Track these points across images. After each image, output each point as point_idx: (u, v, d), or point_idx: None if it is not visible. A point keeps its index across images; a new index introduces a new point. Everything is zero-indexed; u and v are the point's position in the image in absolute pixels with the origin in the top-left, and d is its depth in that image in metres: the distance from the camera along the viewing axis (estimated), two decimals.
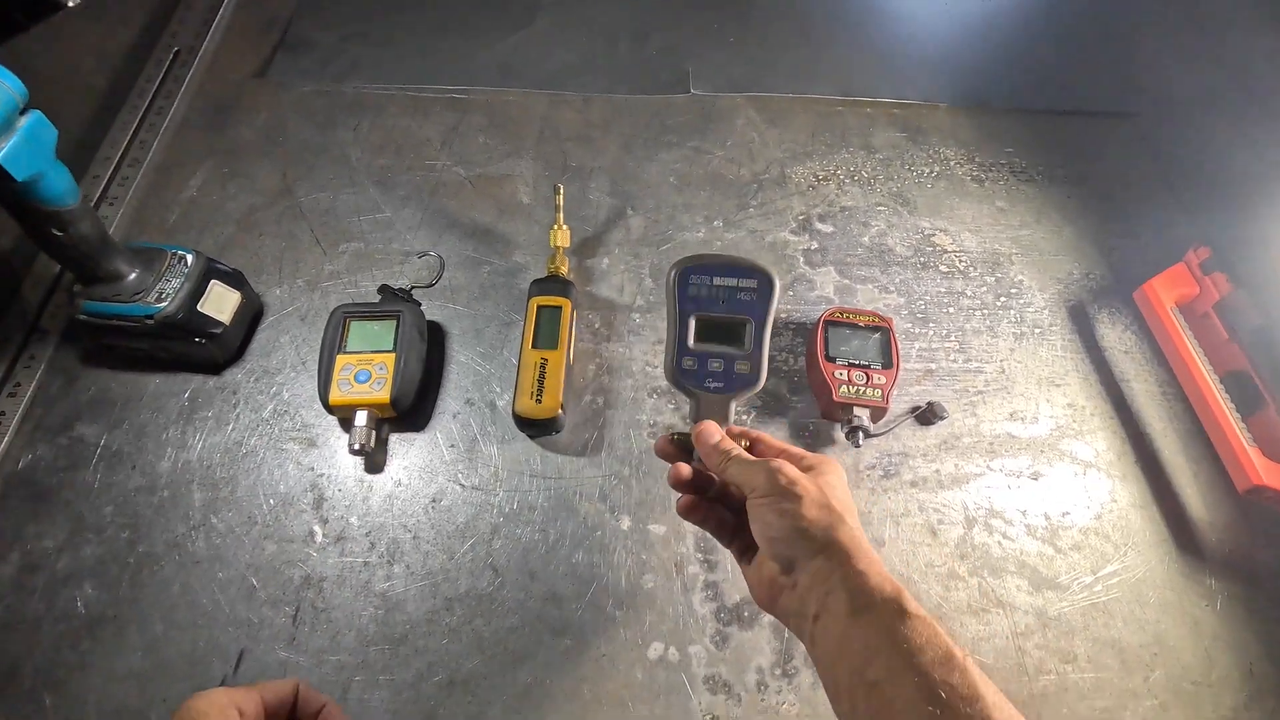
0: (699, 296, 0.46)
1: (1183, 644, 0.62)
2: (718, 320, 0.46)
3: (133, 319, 0.64)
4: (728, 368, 0.45)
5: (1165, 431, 0.73)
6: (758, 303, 0.46)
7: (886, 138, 0.94)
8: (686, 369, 0.45)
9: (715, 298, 0.46)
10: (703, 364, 0.45)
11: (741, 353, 0.46)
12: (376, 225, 0.82)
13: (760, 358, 0.46)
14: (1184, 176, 0.91)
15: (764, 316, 0.46)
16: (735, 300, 0.46)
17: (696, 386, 0.45)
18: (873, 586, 0.37)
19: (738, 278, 0.46)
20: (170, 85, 0.91)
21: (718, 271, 0.46)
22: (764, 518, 0.41)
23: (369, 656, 0.59)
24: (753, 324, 0.46)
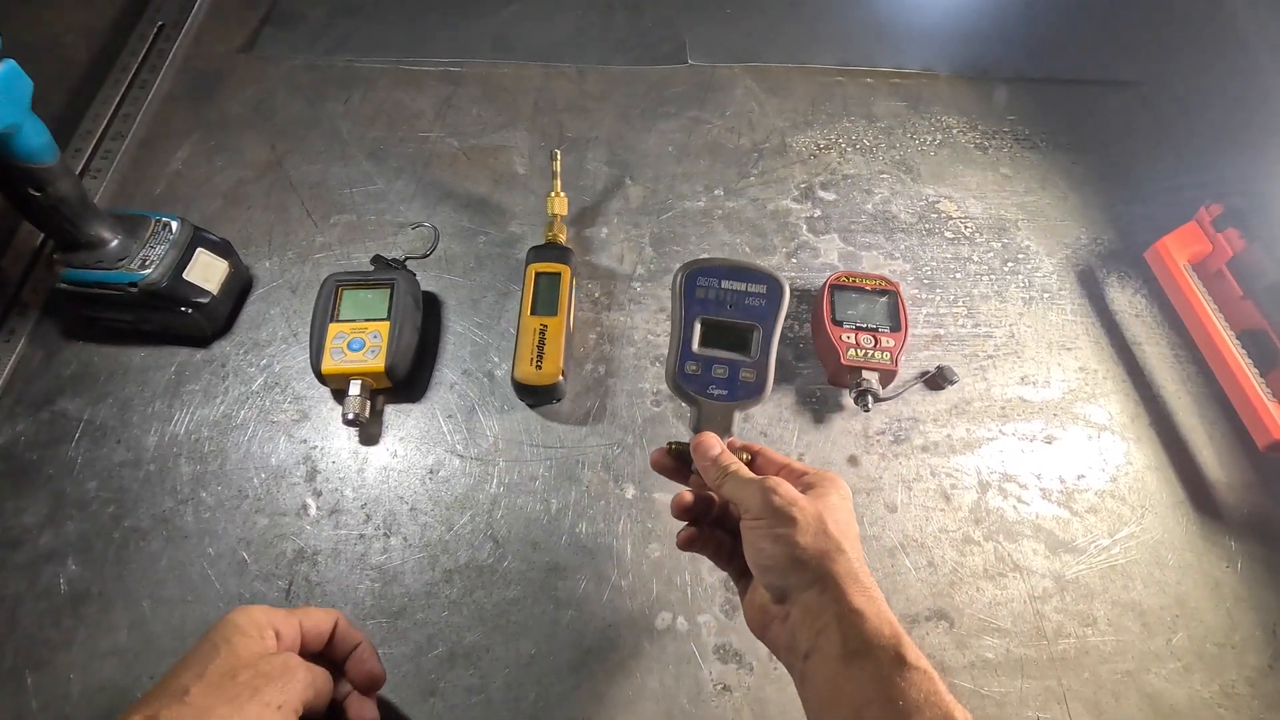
0: (706, 299, 0.44)
1: (1204, 605, 0.60)
2: (725, 324, 0.44)
3: (115, 287, 0.62)
4: (732, 375, 0.43)
5: (1179, 393, 0.71)
6: (767, 310, 0.44)
7: (887, 107, 0.92)
8: (689, 374, 0.43)
9: (723, 301, 0.44)
10: (707, 369, 0.43)
11: (748, 360, 0.43)
12: (369, 197, 0.80)
13: (767, 367, 0.44)
14: (1187, 141, 0.90)
15: (773, 324, 0.44)
16: (744, 305, 0.44)
17: (699, 393, 0.43)
18: (869, 629, 0.33)
19: (747, 283, 0.44)
20: (154, 59, 0.89)
21: (726, 275, 0.44)
22: (756, 542, 0.38)
23: (366, 630, 0.56)
24: (761, 331, 0.44)
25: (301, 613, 0.41)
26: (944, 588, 0.60)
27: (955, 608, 0.59)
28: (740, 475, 0.41)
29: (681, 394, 0.44)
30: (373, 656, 0.44)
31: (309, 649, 0.41)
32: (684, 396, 0.44)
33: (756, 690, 0.55)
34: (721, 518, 0.46)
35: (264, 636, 0.38)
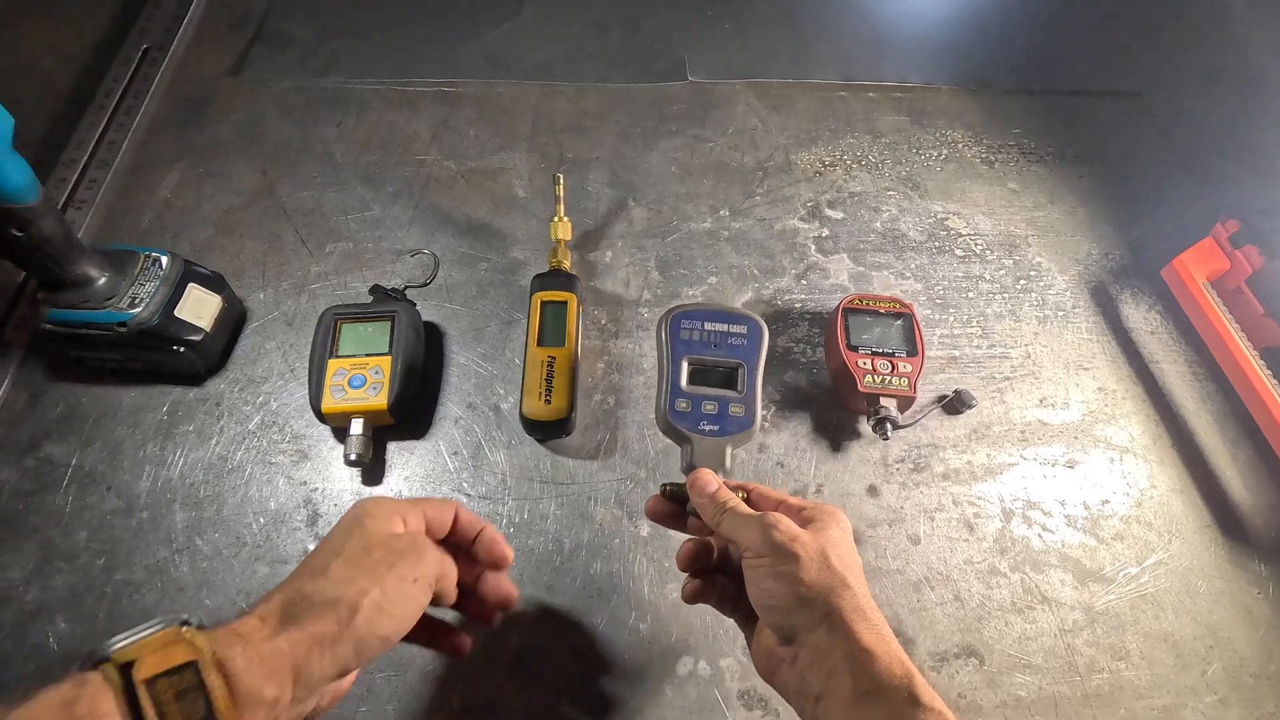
0: (691, 340, 0.45)
1: (1237, 634, 0.59)
2: (711, 363, 0.45)
3: (103, 327, 0.59)
4: (722, 411, 0.43)
5: (1199, 413, 0.70)
6: (749, 348, 0.45)
7: (891, 121, 0.91)
8: (680, 411, 0.43)
9: (708, 342, 0.45)
10: (696, 407, 0.43)
11: (736, 395, 0.44)
12: (365, 224, 0.78)
13: (755, 402, 0.44)
14: (1194, 152, 0.89)
15: (755, 361, 0.45)
16: (727, 345, 0.45)
17: (691, 429, 0.43)
18: (880, 669, 0.32)
19: (728, 323, 0.46)
20: (139, 84, 0.86)
21: (708, 318, 0.46)
22: (760, 582, 0.37)
23: (375, 684, 0.54)
24: (746, 368, 0.45)
25: (423, 503, 0.41)
26: (971, 623, 0.58)
27: (985, 643, 0.58)
28: (739, 512, 0.40)
29: (673, 433, 0.44)
30: (500, 539, 0.44)
31: (433, 536, 0.41)
32: (676, 435, 0.44)
33: None
34: (722, 562, 0.45)
35: (392, 520, 0.38)
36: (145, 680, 0.24)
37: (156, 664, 0.25)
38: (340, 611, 0.31)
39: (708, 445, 0.43)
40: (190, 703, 0.24)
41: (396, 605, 0.34)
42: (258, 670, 0.27)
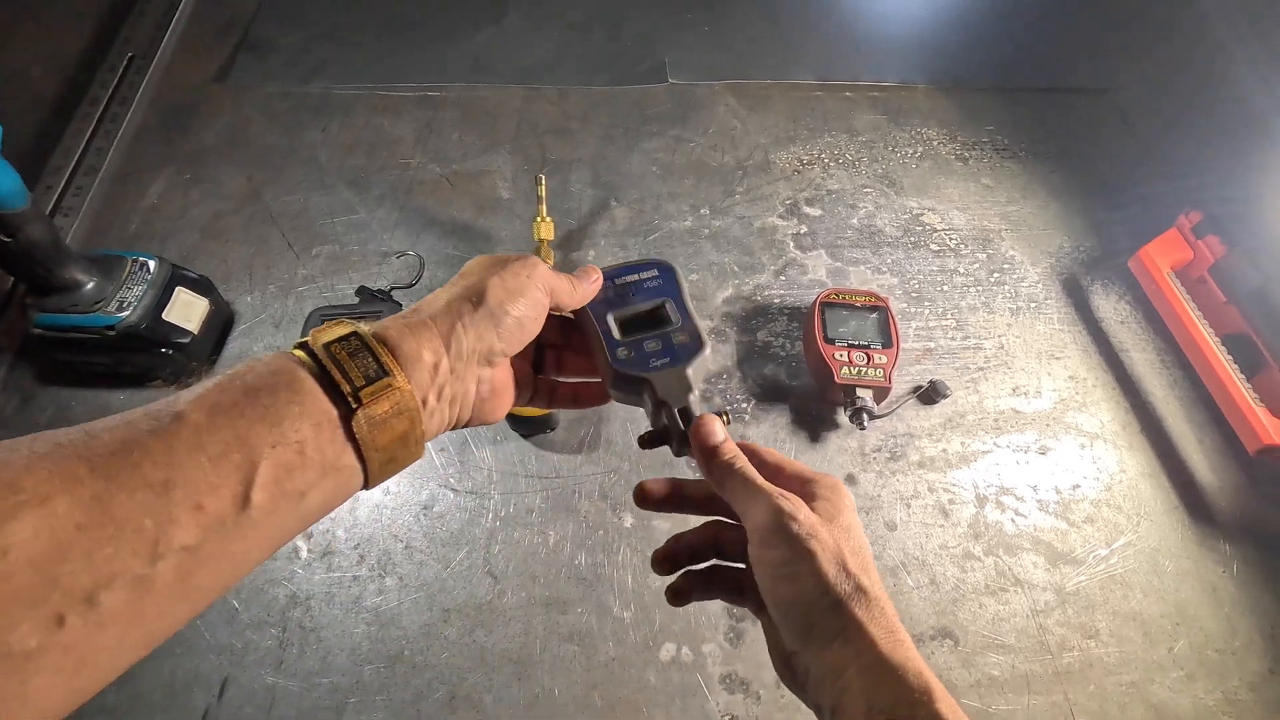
0: (609, 299, 0.41)
1: (1203, 612, 0.61)
2: (636, 312, 0.41)
3: (92, 330, 0.60)
4: (667, 344, 0.40)
5: (1167, 399, 0.72)
6: (666, 285, 0.42)
7: (868, 120, 0.93)
8: (624, 358, 0.40)
9: (625, 295, 0.42)
10: (639, 350, 0.40)
11: (674, 326, 0.41)
12: (351, 227, 0.79)
13: (695, 324, 0.41)
14: (1161, 146, 0.91)
15: (679, 294, 0.42)
16: (645, 290, 0.42)
17: (642, 370, 0.40)
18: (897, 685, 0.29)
19: (638, 273, 0.43)
20: (125, 92, 0.87)
21: (616, 274, 0.42)
22: (768, 579, 0.33)
23: (364, 676, 0.55)
24: (671, 301, 0.42)
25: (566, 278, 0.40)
26: (947, 605, 0.60)
27: (959, 625, 0.59)
28: (749, 478, 0.35)
29: (626, 384, 0.40)
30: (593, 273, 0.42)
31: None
32: (630, 386, 0.40)
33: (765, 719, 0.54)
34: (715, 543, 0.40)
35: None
36: (322, 345, 0.28)
37: (326, 335, 0.29)
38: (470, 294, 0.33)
39: (667, 377, 0.39)
40: (361, 360, 0.28)
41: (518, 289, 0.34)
42: (410, 339, 0.30)
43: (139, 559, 0.23)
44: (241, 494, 0.25)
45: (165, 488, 0.24)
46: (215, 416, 0.26)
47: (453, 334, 0.32)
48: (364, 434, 0.28)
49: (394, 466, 0.30)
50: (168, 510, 0.23)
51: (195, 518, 0.24)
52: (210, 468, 0.25)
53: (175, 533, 0.23)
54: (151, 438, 0.24)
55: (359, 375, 0.28)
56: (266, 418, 0.26)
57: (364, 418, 0.28)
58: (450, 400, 0.32)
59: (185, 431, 0.25)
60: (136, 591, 0.23)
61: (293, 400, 0.27)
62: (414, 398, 0.30)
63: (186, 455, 0.24)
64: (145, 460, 0.24)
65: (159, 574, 0.23)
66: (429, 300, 0.34)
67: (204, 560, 0.24)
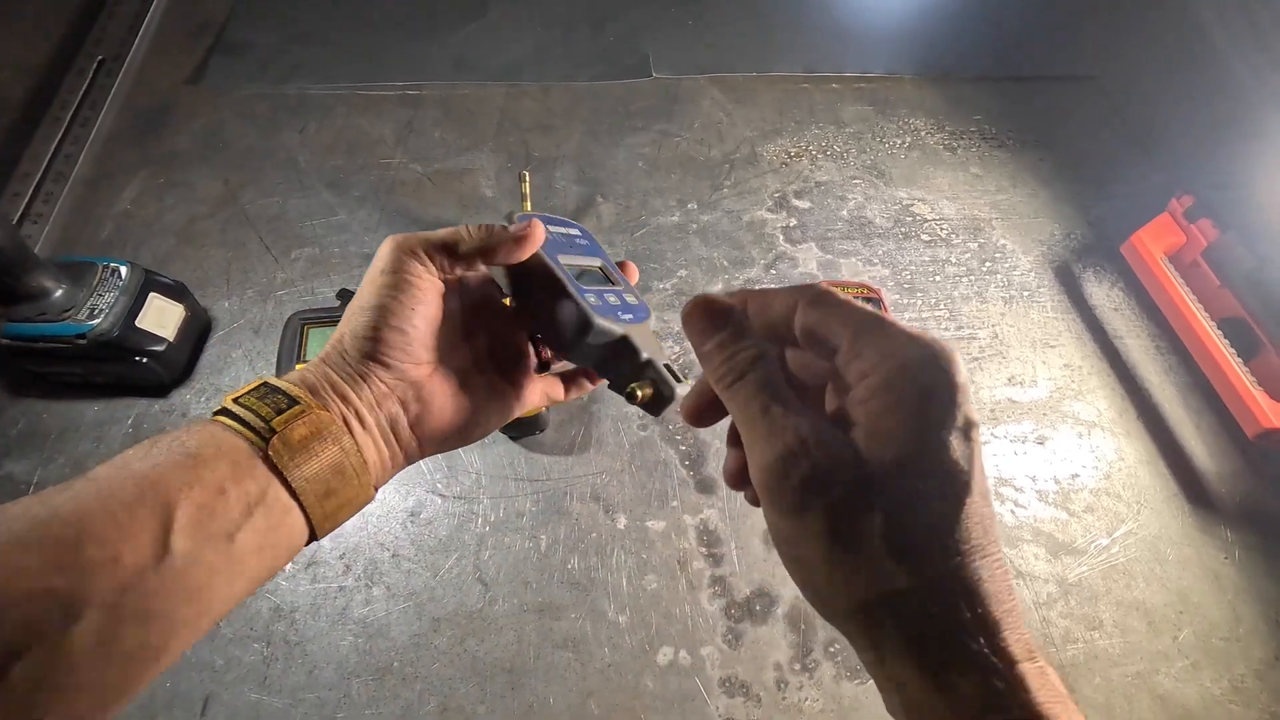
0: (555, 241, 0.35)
1: (1206, 600, 0.60)
2: (583, 264, 0.36)
3: (62, 339, 0.58)
4: (624, 301, 0.35)
5: (1163, 385, 0.71)
6: (594, 248, 0.38)
7: (855, 111, 0.92)
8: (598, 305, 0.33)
9: (566, 243, 0.37)
10: (604, 301, 0.34)
11: (621, 288, 0.36)
12: (331, 229, 0.77)
13: (635, 291, 0.37)
14: (1149, 131, 0.91)
15: (608, 260, 0.38)
16: (579, 246, 0.37)
17: (617, 324, 0.33)
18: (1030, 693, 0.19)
19: (564, 226, 0.38)
20: (95, 95, 0.85)
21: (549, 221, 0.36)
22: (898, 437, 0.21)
23: (352, 690, 0.53)
24: (607, 266, 0.38)
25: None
26: None
27: None
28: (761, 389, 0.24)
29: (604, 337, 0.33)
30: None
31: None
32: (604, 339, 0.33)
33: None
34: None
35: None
36: (232, 399, 0.28)
37: (236, 393, 0.29)
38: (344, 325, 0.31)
39: (642, 330, 0.34)
40: (272, 399, 0.28)
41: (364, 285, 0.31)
42: (310, 373, 0.30)
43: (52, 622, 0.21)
44: (160, 540, 0.23)
45: (76, 541, 0.22)
46: (124, 469, 0.25)
47: (343, 364, 0.31)
48: (285, 462, 0.27)
49: (336, 503, 0.28)
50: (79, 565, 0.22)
51: (111, 570, 0.22)
52: (123, 513, 0.23)
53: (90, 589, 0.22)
54: (56, 494, 0.23)
55: (269, 410, 0.28)
56: (180, 463, 0.25)
57: (280, 445, 0.27)
58: (380, 428, 0.31)
59: (93, 484, 0.24)
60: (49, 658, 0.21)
61: (207, 443, 0.26)
62: (333, 420, 0.28)
63: (96, 504, 0.23)
64: (52, 518, 0.22)
65: (76, 639, 0.21)
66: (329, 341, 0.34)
67: (125, 619, 0.22)
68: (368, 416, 0.30)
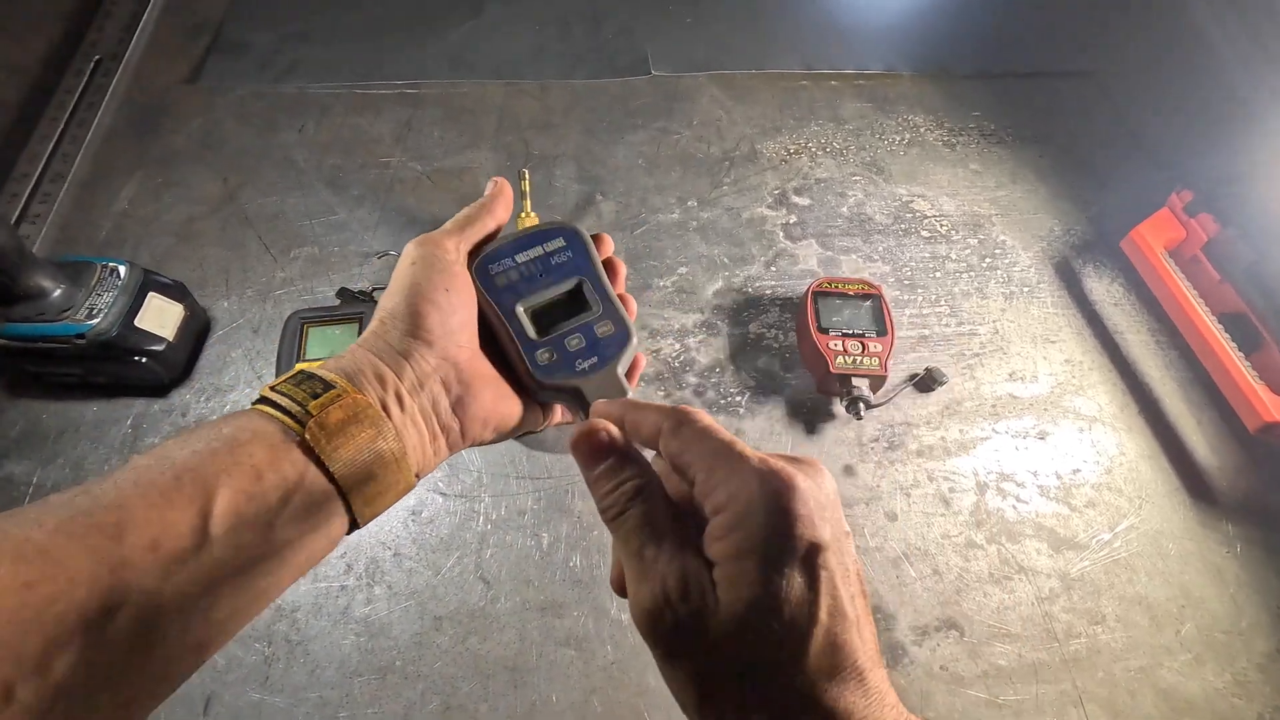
0: (512, 284, 0.35)
1: (1208, 593, 0.60)
2: (548, 297, 0.36)
3: (61, 339, 0.58)
4: (590, 339, 0.35)
5: (1164, 380, 0.71)
6: (577, 258, 0.36)
7: (854, 108, 0.92)
8: (546, 364, 0.34)
9: (531, 275, 0.35)
10: (560, 349, 0.34)
11: (594, 314, 0.35)
12: (330, 228, 0.77)
13: (617, 311, 0.35)
14: (1149, 126, 0.91)
15: (594, 270, 0.36)
16: (555, 267, 0.36)
17: (570, 377, 0.34)
18: None
19: (541, 244, 0.36)
20: (92, 95, 0.85)
21: (517, 249, 0.36)
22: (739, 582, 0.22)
23: (353, 689, 0.53)
24: (587, 280, 0.36)
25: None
26: (951, 595, 0.59)
27: (964, 615, 0.58)
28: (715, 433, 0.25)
29: (555, 393, 0.34)
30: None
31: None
32: (558, 394, 0.35)
33: None
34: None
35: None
36: (268, 386, 0.29)
37: (277, 382, 0.29)
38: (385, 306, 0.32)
39: (598, 381, 0.34)
40: (309, 385, 0.28)
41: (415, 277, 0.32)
42: (347, 360, 0.30)
43: (93, 612, 0.21)
44: (199, 527, 0.23)
45: (117, 530, 0.22)
46: (165, 456, 0.25)
47: (380, 345, 0.31)
48: (322, 446, 0.27)
49: (376, 489, 0.28)
50: (119, 554, 0.22)
51: (151, 559, 0.22)
52: (162, 501, 0.23)
53: (130, 578, 0.22)
54: (98, 484, 0.23)
55: (305, 395, 0.28)
56: (217, 450, 0.25)
57: (316, 427, 0.27)
58: (422, 411, 0.31)
59: (133, 472, 0.24)
60: (92, 650, 0.21)
61: (243, 430, 0.26)
62: (371, 404, 0.28)
63: (135, 493, 0.23)
64: (94, 507, 0.22)
65: (119, 628, 0.21)
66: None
67: (166, 607, 0.22)
68: (408, 399, 0.30)
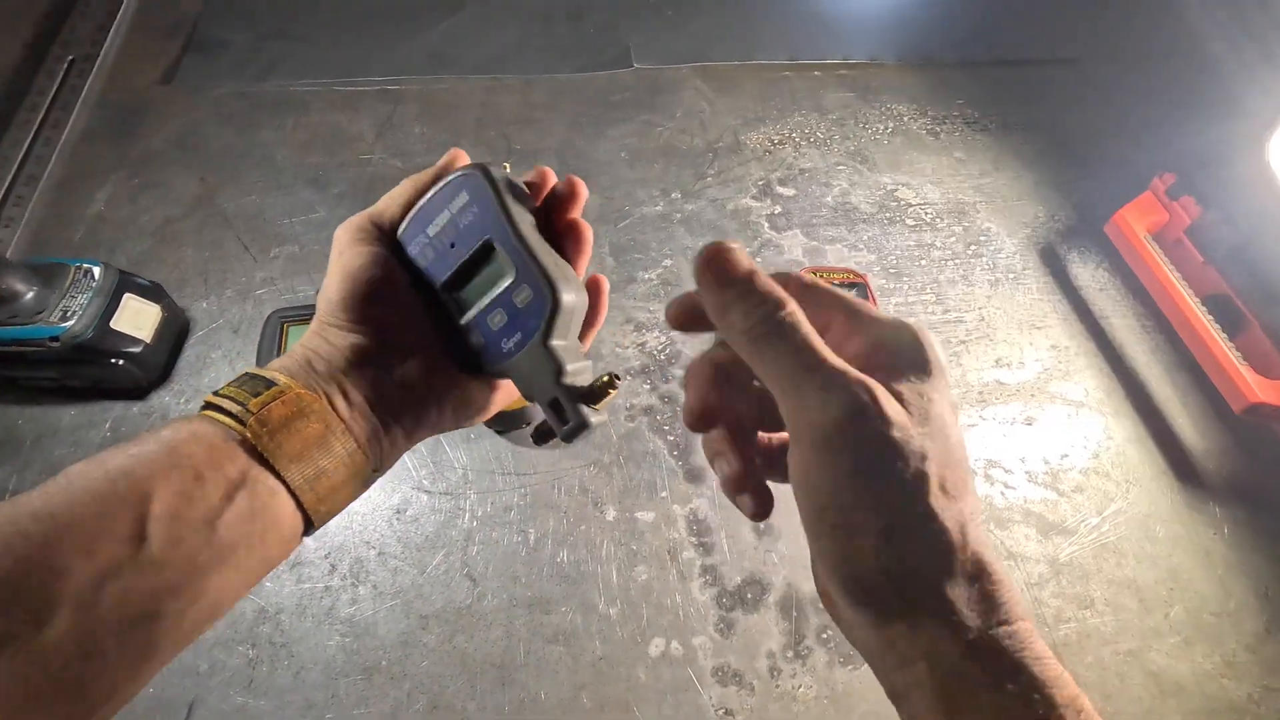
0: (430, 261, 0.32)
1: (1196, 576, 0.60)
2: (461, 269, 0.31)
3: (34, 343, 0.57)
4: (511, 311, 0.30)
5: (1150, 364, 0.71)
6: (482, 214, 0.30)
7: (837, 98, 0.92)
8: (478, 349, 0.31)
9: (444, 248, 0.31)
10: (486, 330, 0.31)
11: (509, 281, 0.30)
12: (311, 226, 0.76)
13: (532, 269, 0.30)
14: (1131, 112, 0.91)
15: (500, 222, 0.30)
16: (463, 230, 0.31)
17: (497, 360, 0.30)
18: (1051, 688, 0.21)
19: (447, 206, 0.31)
20: (67, 96, 0.83)
21: (428, 217, 0.32)
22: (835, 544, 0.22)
23: (339, 690, 0.52)
24: (495, 239, 0.30)
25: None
26: None
27: None
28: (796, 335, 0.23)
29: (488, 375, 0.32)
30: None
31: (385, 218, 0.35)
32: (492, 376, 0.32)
33: (760, 711, 0.53)
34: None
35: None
36: (215, 392, 0.28)
37: (222, 387, 0.28)
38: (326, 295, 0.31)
39: (524, 362, 0.30)
40: (250, 384, 0.28)
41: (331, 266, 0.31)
42: (287, 358, 0.30)
43: (23, 625, 0.20)
44: (136, 532, 0.23)
45: (46, 540, 0.21)
46: (100, 462, 0.24)
47: (320, 340, 0.30)
48: (265, 442, 0.26)
49: (328, 483, 0.27)
50: (51, 564, 0.21)
51: (86, 567, 0.21)
52: (96, 507, 0.22)
53: (64, 588, 0.21)
54: (27, 495, 0.23)
55: (246, 395, 0.27)
56: (155, 453, 0.24)
57: (257, 424, 0.26)
58: (369, 402, 0.29)
59: (64, 479, 0.23)
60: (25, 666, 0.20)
61: (181, 430, 0.26)
62: (316, 398, 0.28)
63: (65, 500, 0.22)
64: (18, 515, 0.22)
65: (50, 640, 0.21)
66: None
67: (103, 617, 0.22)
68: (353, 391, 0.29)
